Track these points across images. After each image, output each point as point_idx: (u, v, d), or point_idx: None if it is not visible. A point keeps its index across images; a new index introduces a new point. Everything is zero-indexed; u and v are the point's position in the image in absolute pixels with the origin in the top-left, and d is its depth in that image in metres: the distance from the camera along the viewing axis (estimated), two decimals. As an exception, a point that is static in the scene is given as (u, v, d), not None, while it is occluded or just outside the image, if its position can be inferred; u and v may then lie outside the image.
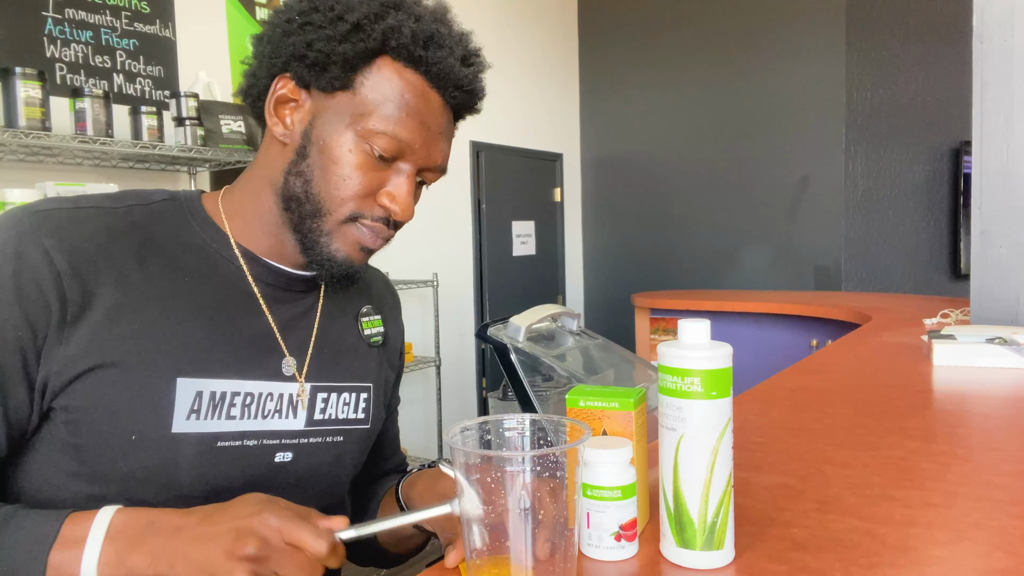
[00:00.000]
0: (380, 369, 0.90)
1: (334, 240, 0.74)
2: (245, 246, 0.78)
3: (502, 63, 4.50)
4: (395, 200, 0.74)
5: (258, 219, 0.77)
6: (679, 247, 4.78)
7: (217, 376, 0.72)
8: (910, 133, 4.65)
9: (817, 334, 2.94)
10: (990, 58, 1.76)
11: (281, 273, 0.79)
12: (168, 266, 0.73)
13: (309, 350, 0.81)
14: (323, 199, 0.73)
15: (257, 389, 0.75)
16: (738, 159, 4.51)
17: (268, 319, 0.78)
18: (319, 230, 0.74)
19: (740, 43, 4.47)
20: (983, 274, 1.80)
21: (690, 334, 0.58)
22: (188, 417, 0.70)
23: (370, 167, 0.72)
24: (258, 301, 0.77)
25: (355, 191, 0.73)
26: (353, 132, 0.71)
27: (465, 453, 0.51)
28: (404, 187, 0.74)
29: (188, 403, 0.70)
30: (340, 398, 0.83)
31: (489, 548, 0.51)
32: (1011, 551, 0.60)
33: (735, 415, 0.60)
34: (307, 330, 0.81)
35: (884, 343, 1.74)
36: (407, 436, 3.73)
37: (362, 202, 0.73)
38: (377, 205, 0.74)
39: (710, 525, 0.57)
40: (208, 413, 0.71)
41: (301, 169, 0.73)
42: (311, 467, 0.79)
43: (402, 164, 0.74)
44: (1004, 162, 1.76)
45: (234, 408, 0.73)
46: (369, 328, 0.90)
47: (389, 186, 0.74)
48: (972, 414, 1.07)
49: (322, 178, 0.73)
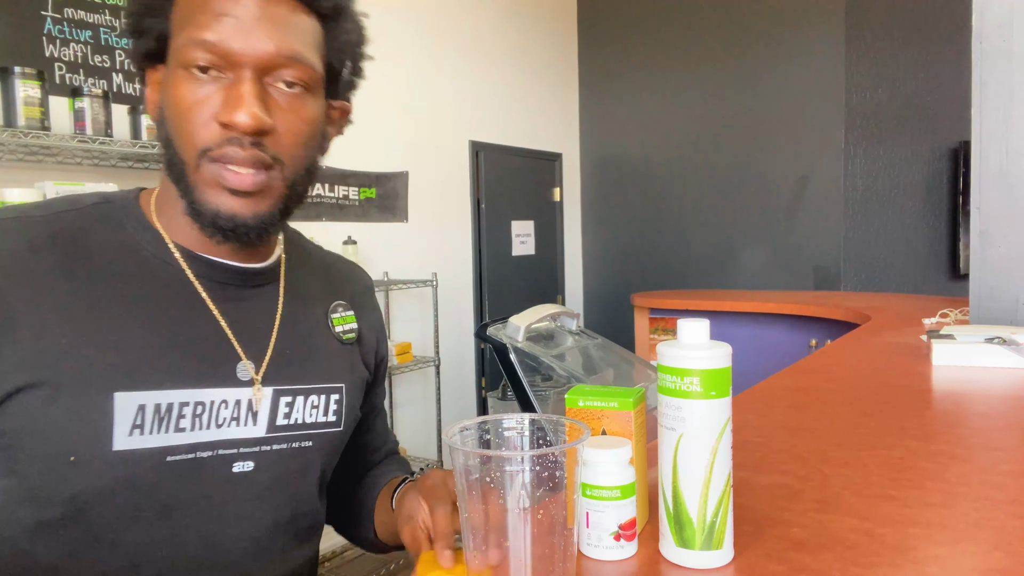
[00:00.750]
0: (354, 368, 0.85)
1: (201, 191, 0.67)
2: (182, 244, 0.73)
3: (501, 63, 4.50)
4: (230, 109, 0.65)
5: (178, 212, 0.71)
6: (678, 247, 4.78)
7: (162, 387, 0.67)
8: (909, 133, 4.66)
9: (816, 334, 2.94)
10: (989, 58, 1.76)
11: (228, 269, 0.74)
12: (99, 273, 0.68)
13: (268, 351, 0.75)
14: (180, 152, 0.67)
15: (209, 397, 0.70)
16: (737, 159, 4.51)
17: (218, 321, 0.72)
18: (188, 187, 0.68)
19: (739, 43, 4.47)
20: (982, 274, 1.80)
21: (689, 334, 0.58)
22: (131, 433, 0.65)
23: (199, 91, 0.65)
24: (204, 302, 0.72)
25: (194, 123, 0.66)
26: (175, 68, 0.66)
27: (464, 453, 0.51)
28: (238, 92, 0.65)
29: (129, 418, 0.65)
30: (307, 401, 0.78)
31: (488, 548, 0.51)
32: (1010, 550, 0.60)
33: (734, 415, 0.60)
34: (266, 330, 0.76)
35: (883, 343, 1.74)
36: (407, 436, 3.73)
37: (204, 132, 0.66)
38: (220, 128, 0.66)
39: (709, 525, 0.57)
40: (153, 427, 0.66)
41: (165, 135, 0.69)
42: (276, 475, 0.74)
43: (231, 72, 0.66)
44: (1003, 162, 1.76)
45: (183, 420, 0.68)
46: (341, 325, 0.85)
47: (223, 101, 0.66)
48: (971, 414, 1.07)
49: (173, 130, 0.67)
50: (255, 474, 0.73)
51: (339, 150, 3.44)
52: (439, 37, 4.02)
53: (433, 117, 3.96)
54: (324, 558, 3.31)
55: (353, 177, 3.48)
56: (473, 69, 4.27)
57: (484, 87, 4.35)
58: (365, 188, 3.54)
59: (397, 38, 3.76)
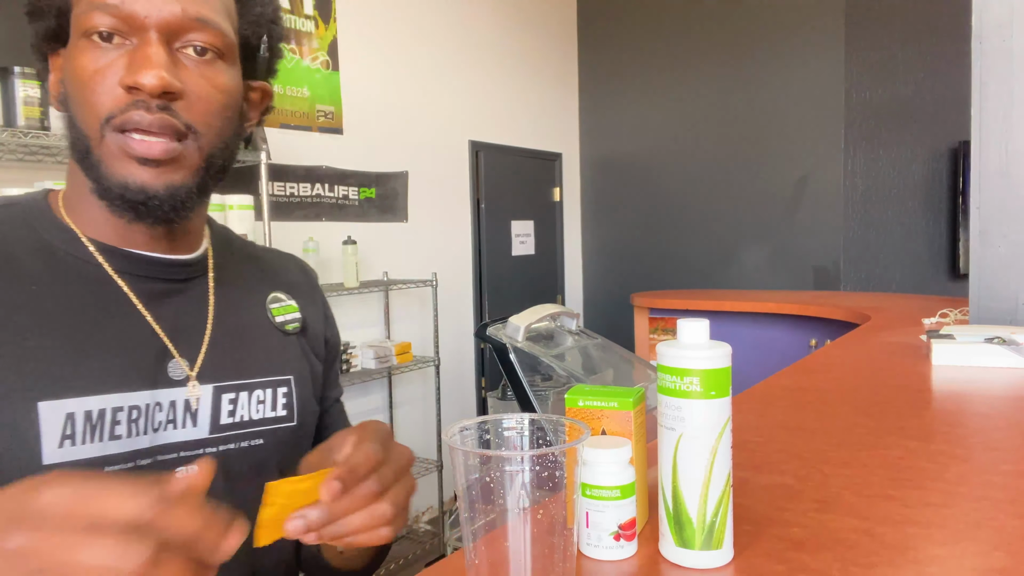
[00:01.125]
0: (302, 359, 0.80)
1: (107, 164, 0.63)
2: (98, 239, 0.68)
3: (501, 62, 4.50)
4: (135, 70, 0.60)
5: (91, 205, 0.67)
6: (678, 247, 4.78)
7: (90, 393, 0.62)
8: (909, 133, 4.66)
9: (816, 334, 2.94)
10: (989, 58, 1.76)
11: (150, 261, 0.69)
12: (10, 279, 0.63)
13: (203, 346, 0.70)
14: (83, 129, 0.63)
15: (143, 400, 0.65)
16: (737, 159, 4.51)
17: (144, 317, 0.67)
18: (92, 163, 0.63)
19: (739, 43, 4.47)
20: (982, 274, 1.80)
21: (689, 334, 0.58)
22: (61, 444, 0.60)
23: (100, 59, 0.62)
24: (129, 299, 0.67)
25: (96, 94, 0.61)
26: (75, 40, 0.63)
27: (464, 453, 0.51)
28: (144, 54, 0.61)
29: (58, 429, 0.60)
30: (252, 396, 0.73)
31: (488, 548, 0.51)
32: (1010, 550, 0.60)
33: (734, 415, 0.60)
34: (199, 324, 0.71)
35: (883, 343, 1.74)
36: (407, 436, 3.73)
37: (107, 98, 0.61)
38: (123, 92, 0.61)
39: (709, 524, 0.57)
40: (86, 436, 0.61)
41: (69, 118, 0.65)
42: (226, 477, 0.69)
43: (135, 37, 0.62)
44: (1003, 162, 1.76)
45: (119, 426, 0.63)
46: (281, 315, 0.79)
47: (127, 65, 0.62)
48: (971, 414, 1.07)
49: (75, 108, 0.63)
50: None
51: (338, 150, 3.45)
52: (439, 37, 4.02)
53: (433, 117, 3.96)
54: (324, 558, 3.31)
55: (352, 177, 3.48)
56: (473, 69, 4.27)
57: (484, 87, 4.35)
58: (365, 188, 3.54)
59: (396, 38, 3.76)
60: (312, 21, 3.35)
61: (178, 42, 0.63)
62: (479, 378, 4.38)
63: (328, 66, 3.42)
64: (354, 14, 3.53)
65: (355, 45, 3.54)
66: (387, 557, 3.34)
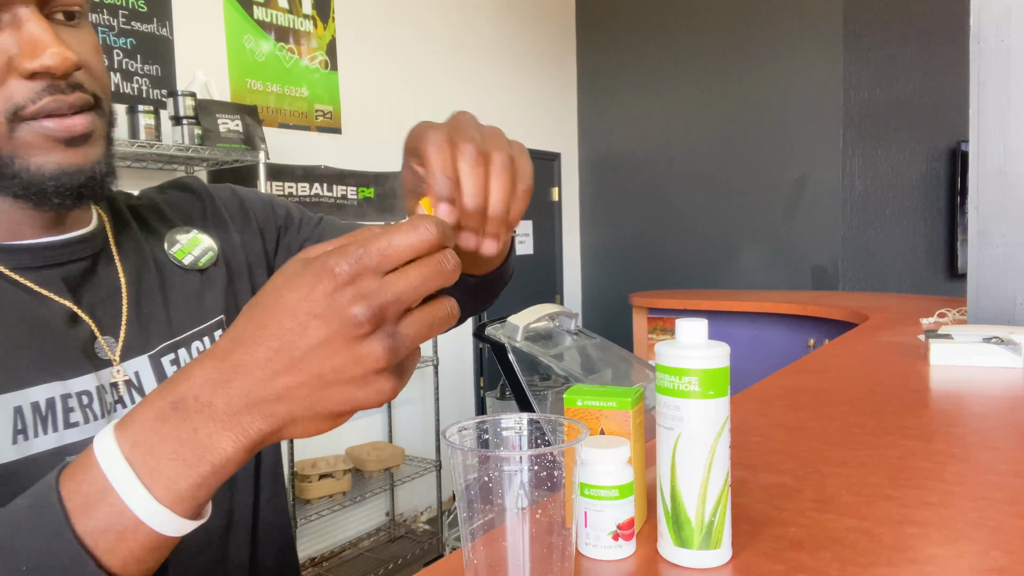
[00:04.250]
0: (231, 288, 0.75)
1: (27, 159, 0.57)
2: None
3: (500, 62, 4.50)
4: (35, 53, 0.54)
5: None
6: (677, 247, 4.78)
7: (30, 384, 0.58)
8: (907, 133, 4.66)
9: (814, 334, 2.94)
10: (987, 58, 1.77)
11: (47, 247, 0.63)
12: None
13: (124, 317, 0.66)
14: None
15: (89, 384, 0.62)
16: (735, 159, 4.51)
17: (61, 303, 0.62)
18: (2, 162, 0.57)
19: (737, 43, 4.47)
20: (980, 274, 1.80)
21: (688, 333, 0.58)
22: (15, 441, 0.56)
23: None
24: (36, 291, 0.62)
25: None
26: None
27: (463, 453, 0.51)
28: (32, 33, 0.54)
29: (8, 425, 0.56)
30: (192, 349, 0.69)
31: (486, 548, 0.51)
32: (1008, 550, 0.60)
33: (732, 414, 0.60)
34: (115, 296, 0.67)
35: (881, 342, 1.74)
36: (405, 436, 3.73)
37: (5, 92, 0.55)
38: (25, 81, 0.55)
39: (707, 524, 0.57)
40: (38, 428, 0.58)
41: None
42: None
43: (6, 14, 0.55)
44: (1001, 162, 1.76)
45: (73, 413, 0.60)
46: (188, 254, 0.73)
47: (16, 49, 0.55)
48: (969, 413, 1.07)
49: None
50: None
51: (337, 150, 3.44)
52: (437, 36, 4.02)
53: (432, 116, 3.92)
54: (323, 558, 3.31)
55: (351, 177, 3.48)
56: (471, 68, 4.27)
57: (482, 86, 4.35)
58: (363, 188, 3.54)
59: (395, 37, 3.76)
60: (311, 21, 3.35)
61: (46, 9, 0.57)
62: (478, 378, 4.38)
63: (327, 66, 3.42)
64: (353, 14, 3.53)
65: (354, 45, 3.53)
66: (386, 556, 3.34)
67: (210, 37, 2.96)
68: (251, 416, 0.41)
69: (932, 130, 4.83)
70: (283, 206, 0.86)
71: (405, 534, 3.64)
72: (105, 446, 0.42)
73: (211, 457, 0.42)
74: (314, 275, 0.40)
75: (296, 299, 0.41)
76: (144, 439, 0.42)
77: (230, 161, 2.65)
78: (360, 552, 3.43)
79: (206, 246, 0.75)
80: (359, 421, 3.51)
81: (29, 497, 0.44)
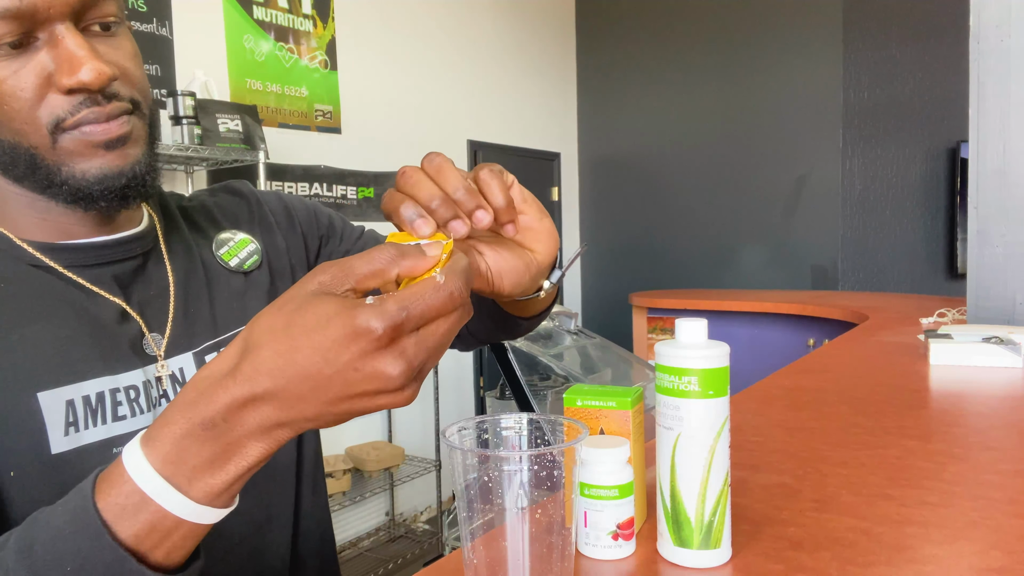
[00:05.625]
0: (272, 292, 0.78)
1: (72, 166, 0.60)
2: (36, 240, 0.65)
3: (500, 62, 4.50)
4: (72, 70, 0.57)
5: (22, 209, 0.64)
6: (676, 246, 4.78)
7: (83, 378, 0.61)
8: (907, 133, 4.66)
9: (814, 333, 2.94)
10: (987, 58, 1.77)
11: (98, 247, 0.66)
12: None
13: (170, 315, 0.69)
14: (19, 142, 0.60)
15: (137, 379, 0.65)
16: (735, 158, 4.51)
17: (111, 301, 0.65)
18: (50, 171, 0.60)
19: (737, 43, 4.47)
20: (979, 273, 1.80)
21: (687, 333, 0.58)
22: (67, 433, 0.59)
23: (16, 68, 0.58)
24: (89, 289, 0.65)
25: (28, 104, 0.58)
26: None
27: (462, 452, 0.51)
28: (69, 50, 0.58)
29: (61, 417, 0.59)
30: None
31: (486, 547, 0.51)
32: (1007, 549, 0.60)
33: (732, 414, 0.60)
34: (163, 294, 0.69)
35: (881, 342, 1.74)
36: (405, 436, 3.73)
37: (46, 106, 0.59)
38: (64, 95, 0.59)
39: (707, 524, 0.57)
40: (88, 421, 0.61)
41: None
42: None
43: (43, 33, 0.58)
44: (1001, 162, 1.76)
45: (121, 407, 0.63)
46: (234, 256, 0.76)
47: (54, 65, 0.58)
48: (968, 413, 1.07)
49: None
50: None
51: (337, 150, 3.44)
52: (437, 36, 4.02)
53: (431, 116, 3.96)
54: (322, 558, 3.31)
55: (351, 176, 3.48)
56: (471, 68, 4.27)
57: (482, 86, 4.35)
58: (363, 187, 3.54)
59: (395, 37, 3.76)
60: (310, 20, 3.35)
61: (82, 23, 0.60)
62: (477, 377, 4.38)
63: (326, 65, 3.42)
64: (352, 13, 3.53)
65: (353, 45, 3.53)
66: (386, 556, 3.34)
67: (210, 37, 2.96)
68: (281, 431, 0.44)
69: (932, 130, 4.83)
70: (327, 215, 0.89)
71: (405, 534, 3.64)
72: (135, 463, 0.44)
73: (242, 462, 0.44)
74: (352, 333, 0.41)
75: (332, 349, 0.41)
76: (176, 456, 0.44)
77: (230, 161, 2.65)
78: (360, 552, 3.43)
79: (252, 249, 0.78)
80: (359, 421, 3.51)
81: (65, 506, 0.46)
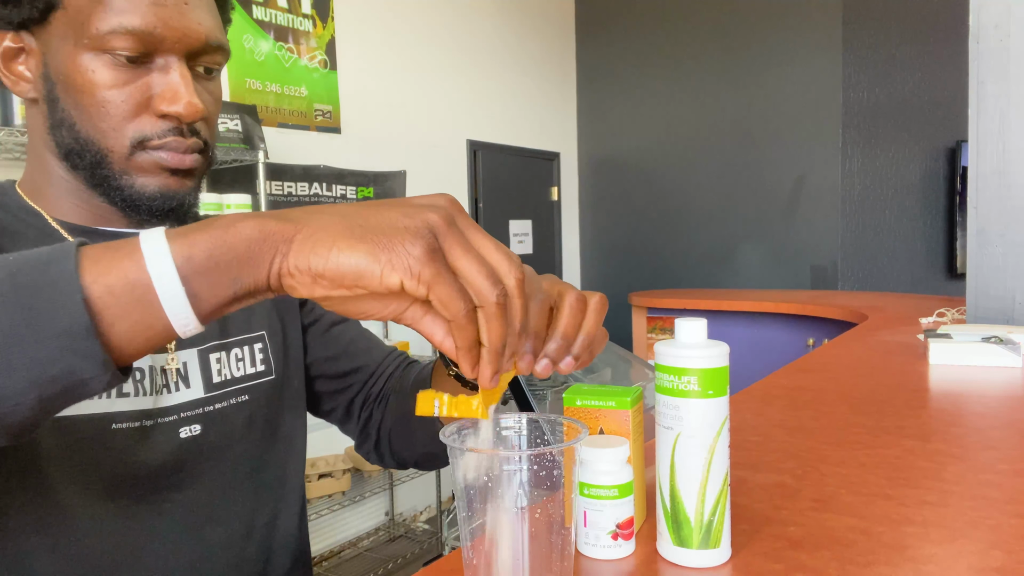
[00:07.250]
0: (273, 313, 0.82)
1: (134, 177, 0.66)
2: (73, 222, 0.69)
3: (499, 61, 4.50)
4: (173, 100, 0.64)
5: (62, 192, 0.68)
6: (676, 246, 4.78)
7: None
8: (906, 133, 4.66)
9: (814, 333, 2.94)
10: (986, 58, 1.77)
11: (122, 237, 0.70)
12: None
13: None
14: (96, 140, 0.64)
15: (144, 363, 0.68)
16: (735, 158, 4.51)
17: None
18: (112, 174, 0.65)
19: (737, 43, 4.47)
20: (979, 273, 1.80)
21: (687, 333, 0.58)
22: None
23: (124, 79, 0.63)
24: None
25: (122, 113, 0.63)
26: (85, 49, 0.62)
27: (462, 452, 0.51)
28: (175, 81, 0.64)
29: None
30: (231, 355, 0.76)
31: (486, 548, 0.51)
32: (1007, 549, 0.60)
33: (732, 414, 0.60)
34: None
35: (880, 342, 1.74)
36: (404, 435, 3.73)
37: (138, 122, 0.64)
38: (157, 118, 0.65)
39: (707, 524, 0.57)
40: None
41: (60, 118, 0.65)
42: (224, 434, 0.74)
43: (160, 59, 0.64)
44: (1000, 162, 1.76)
45: (125, 384, 0.66)
46: None
47: (158, 89, 0.64)
48: (968, 413, 1.07)
49: (83, 117, 0.64)
50: (204, 436, 0.72)
51: (336, 149, 3.44)
52: (437, 36, 4.02)
53: (431, 116, 3.95)
54: (322, 557, 3.31)
55: (351, 176, 3.47)
56: (471, 68, 4.27)
57: (482, 86, 4.35)
58: (363, 187, 3.54)
59: (395, 37, 3.76)
60: (310, 20, 3.35)
61: (193, 61, 0.67)
62: (477, 377, 4.38)
63: (326, 65, 3.42)
64: (352, 13, 3.53)
65: (353, 44, 3.53)
66: (386, 556, 3.34)
67: (209, 36, 2.95)
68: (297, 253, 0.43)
69: (931, 130, 4.83)
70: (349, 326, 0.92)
71: (404, 533, 3.64)
72: (150, 233, 0.44)
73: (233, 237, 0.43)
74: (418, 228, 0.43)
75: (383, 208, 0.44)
76: (190, 243, 0.43)
77: (229, 161, 2.65)
78: (359, 551, 3.43)
79: None
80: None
81: None
